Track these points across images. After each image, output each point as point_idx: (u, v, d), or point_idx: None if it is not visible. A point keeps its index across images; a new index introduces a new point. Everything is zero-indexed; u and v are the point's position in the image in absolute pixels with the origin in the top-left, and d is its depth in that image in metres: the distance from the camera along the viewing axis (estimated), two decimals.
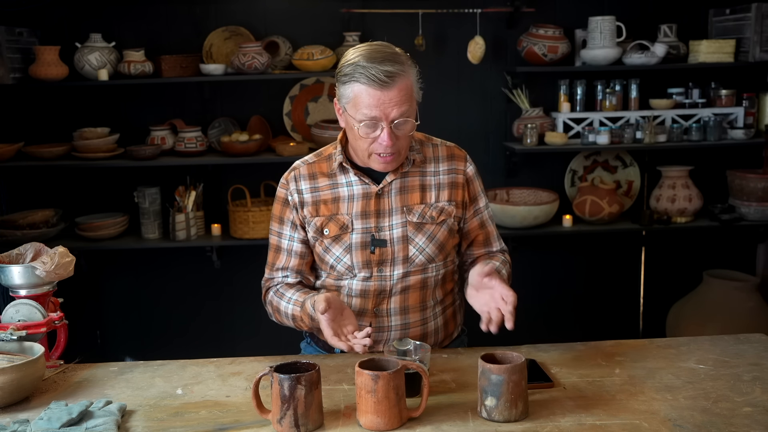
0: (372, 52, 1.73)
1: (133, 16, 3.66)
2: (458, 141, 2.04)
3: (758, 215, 3.64)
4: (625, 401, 1.56)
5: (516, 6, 3.60)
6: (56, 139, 3.67)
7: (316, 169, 1.90)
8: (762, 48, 3.49)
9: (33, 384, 1.66)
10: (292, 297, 1.87)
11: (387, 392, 1.45)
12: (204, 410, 1.59)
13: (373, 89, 1.70)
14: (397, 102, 1.71)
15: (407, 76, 1.73)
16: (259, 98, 3.76)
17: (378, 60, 1.70)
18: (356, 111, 1.74)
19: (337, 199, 1.88)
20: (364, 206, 1.86)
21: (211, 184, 3.77)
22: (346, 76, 1.74)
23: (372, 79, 1.69)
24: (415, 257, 1.87)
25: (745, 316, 3.50)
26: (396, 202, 1.87)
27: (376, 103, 1.71)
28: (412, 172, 1.89)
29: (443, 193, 1.90)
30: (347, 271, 1.88)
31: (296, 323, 1.88)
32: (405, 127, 1.76)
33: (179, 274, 3.89)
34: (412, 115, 1.77)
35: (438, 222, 1.88)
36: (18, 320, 1.81)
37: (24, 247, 1.96)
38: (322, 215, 1.88)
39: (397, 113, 1.72)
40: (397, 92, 1.71)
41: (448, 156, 1.93)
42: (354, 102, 1.73)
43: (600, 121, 3.66)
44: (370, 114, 1.72)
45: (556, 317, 3.99)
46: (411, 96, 1.75)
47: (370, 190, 1.86)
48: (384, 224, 1.87)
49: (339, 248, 1.87)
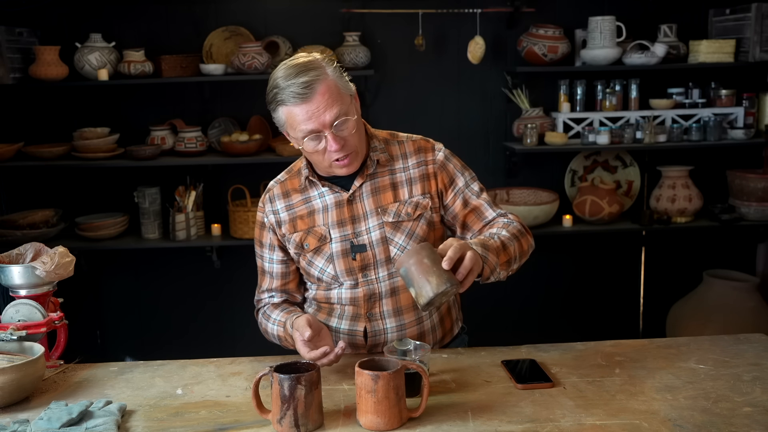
0: (286, 69, 1.73)
1: (133, 16, 3.66)
2: (458, 141, 2.04)
3: (758, 215, 3.64)
4: (625, 401, 1.56)
5: (516, 6, 3.60)
6: (56, 139, 3.67)
7: (289, 187, 1.92)
8: (762, 48, 3.49)
9: (33, 384, 1.66)
10: (277, 318, 1.90)
11: (387, 392, 1.45)
12: (204, 410, 1.59)
13: (297, 106, 1.70)
14: (325, 107, 1.70)
15: (325, 78, 1.72)
16: (259, 98, 3.71)
17: (292, 75, 1.71)
18: (295, 131, 1.74)
19: (312, 212, 1.88)
20: (338, 215, 1.86)
21: (211, 184, 3.77)
22: (271, 103, 1.77)
23: (292, 96, 1.70)
24: (397, 257, 1.85)
25: (745, 316, 3.50)
26: (369, 204, 1.86)
27: (307, 117, 1.70)
28: (380, 172, 1.87)
29: (416, 188, 1.88)
30: (333, 281, 1.88)
31: (282, 343, 1.91)
32: (346, 126, 1.74)
33: (179, 274, 3.89)
34: (350, 112, 1.74)
35: (414, 218, 1.86)
36: (18, 320, 1.81)
37: (24, 247, 1.96)
38: (300, 230, 1.88)
39: (330, 117, 1.71)
40: (321, 98, 1.70)
41: (416, 150, 1.90)
42: (289, 124, 1.75)
43: (600, 121, 3.66)
44: (308, 128, 1.71)
45: (556, 317, 3.99)
46: (338, 95, 1.72)
47: (341, 198, 1.86)
48: (361, 229, 1.86)
49: (321, 260, 1.87)
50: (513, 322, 3.86)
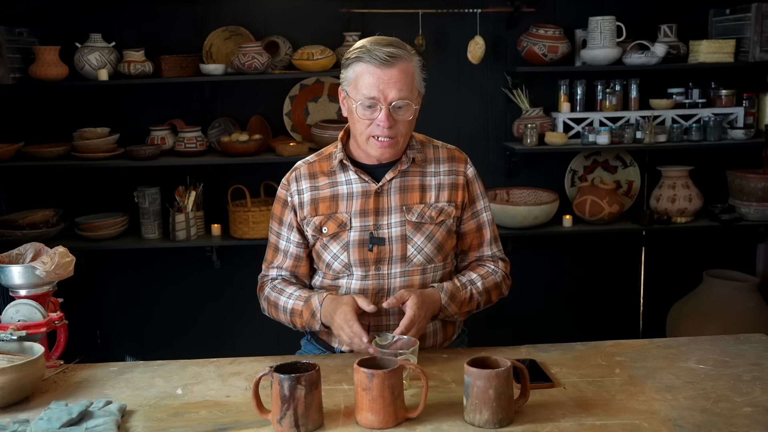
0: (377, 38, 1.82)
1: (133, 16, 3.66)
2: (458, 141, 2.04)
3: (758, 215, 3.64)
4: (625, 401, 1.56)
5: (516, 6, 3.59)
6: (56, 139, 3.67)
7: (317, 168, 1.92)
8: (762, 48, 3.49)
9: (33, 384, 1.66)
10: (294, 293, 1.89)
11: (382, 390, 1.45)
12: (204, 410, 1.59)
13: (373, 67, 1.75)
14: (396, 82, 1.75)
15: (409, 61, 1.78)
16: (259, 98, 3.76)
17: (382, 44, 1.77)
18: (356, 92, 1.78)
19: (336, 197, 1.88)
20: (363, 204, 1.87)
21: (211, 184, 3.77)
22: (349, 59, 1.81)
23: (374, 57, 1.74)
24: (413, 257, 1.87)
25: (745, 316, 3.50)
26: (395, 200, 1.87)
27: (375, 82, 1.74)
28: (412, 171, 1.89)
29: (443, 194, 1.90)
30: (344, 269, 1.88)
31: (293, 318, 1.89)
32: (404, 113, 1.78)
33: (179, 274, 3.89)
34: (413, 101, 1.80)
35: (437, 222, 1.89)
36: (18, 320, 1.81)
37: (24, 247, 1.96)
38: (321, 214, 1.88)
39: (395, 95, 1.75)
40: (398, 72, 1.75)
41: (449, 158, 1.94)
42: (355, 83, 1.78)
43: (600, 121, 3.66)
44: (369, 94, 1.75)
45: (556, 317, 3.99)
46: (412, 82, 1.78)
47: (369, 188, 1.87)
48: (383, 222, 1.86)
49: (336, 245, 1.87)
50: (513, 322, 3.85)
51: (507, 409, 1.46)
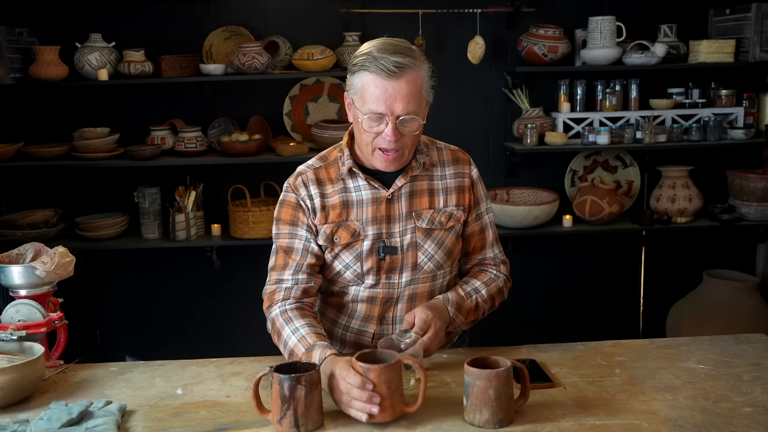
0: (385, 44, 1.71)
1: (133, 16, 3.66)
2: (458, 141, 2.03)
3: (758, 215, 3.63)
4: (625, 401, 1.56)
5: (516, 6, 3.60)
6: (56, 139, 3.67)
7: (323, 175, 1.84)
8: (762, 48, 3.49)
9: (33, 384, 1.66)
10: (300, 329, 1.71)
11: (379, 385, 1.45)
12: (204, 410, 1.59)
13: (380, 79, 1.66)
14: (404, 96, 1.67)
15: (418, 71, 1.70)
16: (259, 98, 3.76)
17: (390, 51, 1.68)
18: (363, 104, 1.70)
19: (346, 204, 1.81)
20: (374, 212, 1.81)
21: (211, 184, 3.77)
22: (356, 65, 1.71)
23: (381, 68, 1.66)
24: (423, 264, 1.83)
25: (745, 316, 3.50)
26: (405, 207, 1.82)
27: (382, 96, 1.67)
28: (420, 176, 1.84)
29: (451, 198, 1.86)
30: (356, 279, 1.83)
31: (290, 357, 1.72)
32: (411, 126, 1.71)
33: (179, 274, 3.89)
34: (420, 114, 1.72)
35: (447, 228, 1.85)
36: (18, 320, 1.81)
37: (24, 247, 1.97)
38: (331, 222, 1.81)
39: (402, 109, 1.68)
40: (405, 85, 1.67)
41: (453, 159, 1.89)
42: (361, 93, 1.70)
43: (600, 121, 3.66)
44: (377, 109, 1.68)
45: (557, 317, 3.99)
46: (419, 93, 1.71)
47: (380, 195, 1.81)
48: (394, 230, 1.82)
49: (350, 255, 1.81)
50: (513, 323, 3.85)
51: (507, 409, 1.46)
